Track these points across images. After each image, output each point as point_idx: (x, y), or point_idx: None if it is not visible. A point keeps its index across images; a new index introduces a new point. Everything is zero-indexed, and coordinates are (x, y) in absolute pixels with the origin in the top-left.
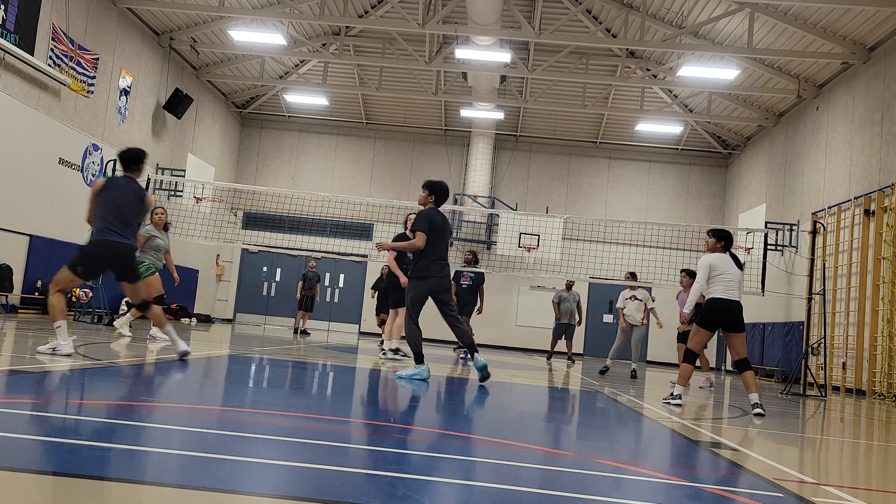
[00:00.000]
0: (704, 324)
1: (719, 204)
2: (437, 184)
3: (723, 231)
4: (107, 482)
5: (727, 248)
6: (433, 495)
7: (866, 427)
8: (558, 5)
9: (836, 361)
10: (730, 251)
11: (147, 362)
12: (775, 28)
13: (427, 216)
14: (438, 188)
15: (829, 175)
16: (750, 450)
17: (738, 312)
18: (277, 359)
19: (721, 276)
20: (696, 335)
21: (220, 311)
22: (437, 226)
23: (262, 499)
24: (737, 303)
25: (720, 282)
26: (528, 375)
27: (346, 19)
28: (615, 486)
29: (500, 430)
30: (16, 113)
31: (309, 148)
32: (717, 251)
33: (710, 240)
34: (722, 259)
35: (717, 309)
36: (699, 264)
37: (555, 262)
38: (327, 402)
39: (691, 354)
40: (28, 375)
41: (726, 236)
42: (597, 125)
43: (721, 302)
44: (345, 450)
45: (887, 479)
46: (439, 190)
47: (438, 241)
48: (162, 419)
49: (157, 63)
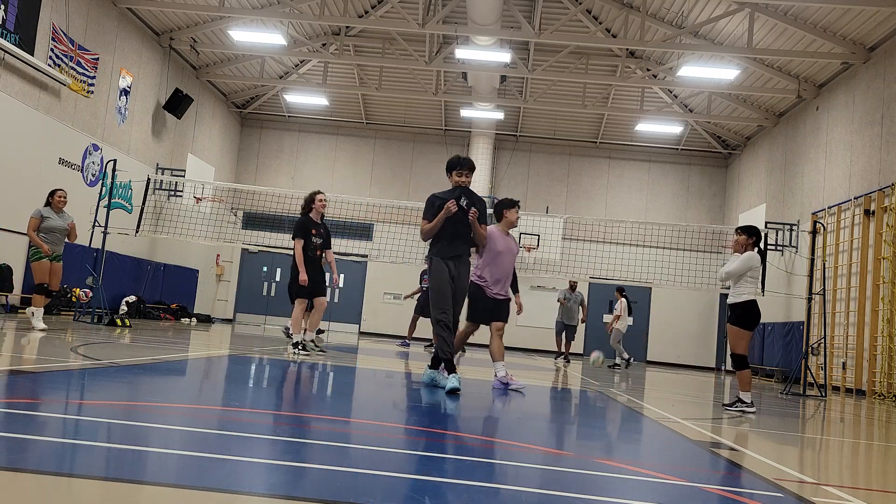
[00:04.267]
0: (748, 325)
1: (719, 204)
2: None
3: (755, 228)
4: (107, 482)
5: (757, 245)
6: (433, 495)
7: (866, 427)
8: (558, 5)
9: (836, 361)
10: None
11: (146, 362)
12: (775, 28)
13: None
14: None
15: (829, 175)
16: (750, 450)
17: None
18: (277, 359)
19: (756, 277)
20: (742, 339)
21: (219, 312)
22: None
23: (262, 499)
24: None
25: (755, 282)
26: (527, 375)
27: (346, 19)
28: (615, 486)
29: (499, 429)
30: (16, 113)
31: (309, 148)
32: (749, 249)
33: (741, 237)
34: (758, 259)
35: (756, 310)
36: (743, 259)
37: (555, 262)
38: (327, 401)
39: (744, 359)
40: (28, 375)
41: (758, 233)
42: (597, 125)
43: (757, 304)
44: (345, 450)
45: (887, 479)
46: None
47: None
48: (162, 419)
49: (157, 63)
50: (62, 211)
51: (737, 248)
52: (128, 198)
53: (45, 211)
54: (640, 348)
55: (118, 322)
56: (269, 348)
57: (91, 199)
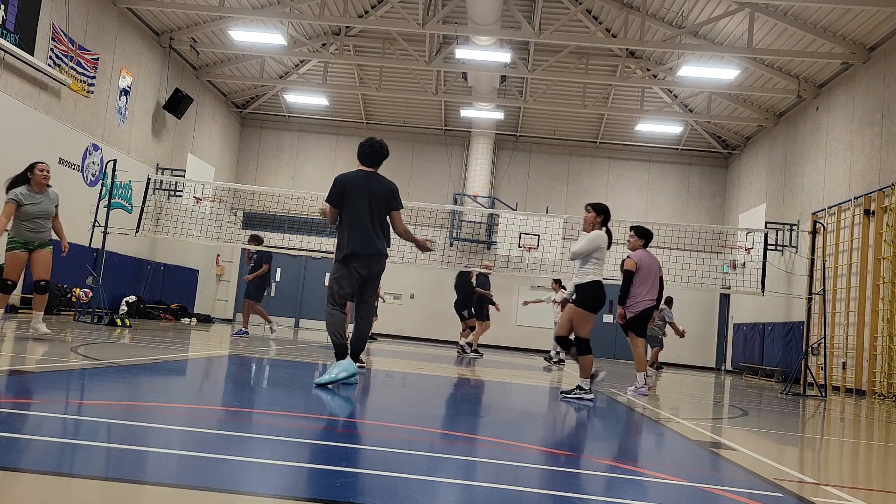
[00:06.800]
0: (592, 307)
1: (719, 204)
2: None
3: (604, 205)
4: (107, 482)
5: (605, 224)
6: (433, 495)
7: (866, 427)
8: (558, 5)
9: (836, 361)
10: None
11: (146, 362)
12: (775, 28)
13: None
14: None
15: (829, 175)
16: (750, 450)
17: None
18: (277, 359)
19: (602, 258)
20: (587, 321)
21: (219, 312)
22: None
23: (262, 499)
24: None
25: (601, 263)
26: (527, 375)
27: (346, 19)
28: (615, 486)
29: (499, 429)
30: (16, 113)
31: (309, 148)
32: (597, 227)
33: (589, 214)
34: (605, 239)
35: (601, 292)
36: (589, 238)
37: (555, 262)
38: (327, 401)
39: (587, 343)
40: (28, 375)
41: (607, 211)
42: (597, 125)
43: (601, 286)
44: (344, 450)
45: (887, 479)
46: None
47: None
48: (162, 419)
49: (157, 63)
50: (44, 189)
51: (586, 226)
52: (128, 198)
53: (24, 195)
54: None
55: (118, 322)
56: (270, 348)
57: (91, 199)
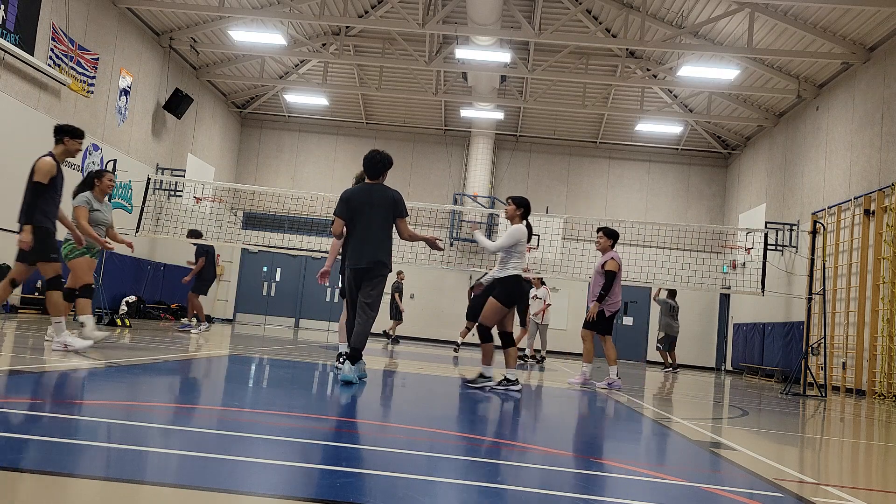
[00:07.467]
0: (508, 302)
1: (719, 204)
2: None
3: (524, 199)
4: (107, 482)
5: (525, 217)
6: (433, 495)
7: (866, 427)
8: (558, 5)
9: (836, 361)
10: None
11: (146, 362)
12: (775, 28)
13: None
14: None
15: (829, 175)
16: (750, 450)
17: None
18: (277, 359)
19: (522, 252)
20: (497, 314)
21: (220, 312)
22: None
23: (263, 499)
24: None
25: (521, 257)
26: (526, 375)
27: (346, 19)
28: (615, 485)
29: (499, 429)
30: (16, 113)
31: (309, 148)
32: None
33: (510, 207)
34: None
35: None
36: (510, 232)
37: (555, 262)
38: (327, 401)
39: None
40: (28, 375)
41: (527, 204)
42: (597, 125)
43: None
44: (344, 449)
45: (887, 479)
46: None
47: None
48: (162, 419)
49: (157, 63)
50: (103, 199)
51: (508, 217)
52: (128, 198)
53: (93, 200)
54: (640, 348)
55: (118, 322)
56: (268, 348)
57: None
